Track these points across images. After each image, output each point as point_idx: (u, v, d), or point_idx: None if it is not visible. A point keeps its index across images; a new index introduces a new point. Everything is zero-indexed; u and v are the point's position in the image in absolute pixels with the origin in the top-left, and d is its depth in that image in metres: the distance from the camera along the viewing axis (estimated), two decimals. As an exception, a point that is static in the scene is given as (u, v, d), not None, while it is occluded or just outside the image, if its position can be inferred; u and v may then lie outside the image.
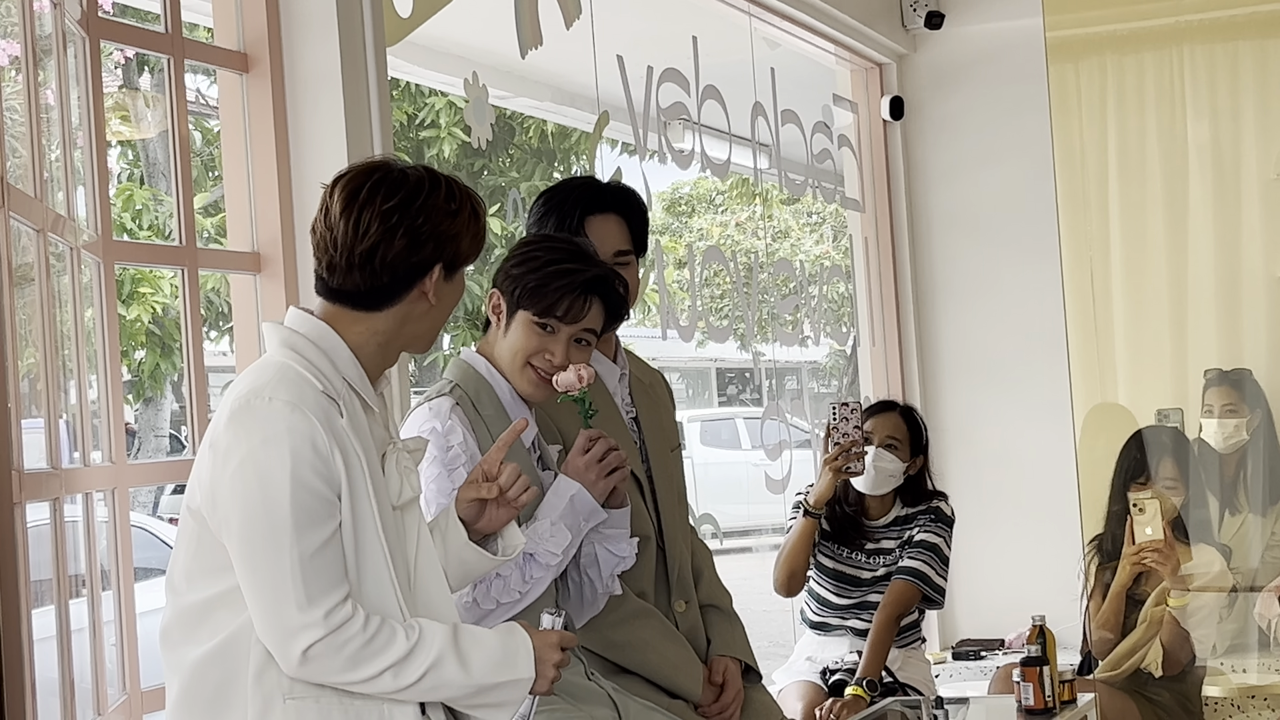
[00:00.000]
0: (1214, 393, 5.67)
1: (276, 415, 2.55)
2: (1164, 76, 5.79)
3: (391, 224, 2.63)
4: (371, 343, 2.68)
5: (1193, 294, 5.77)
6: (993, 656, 6.31)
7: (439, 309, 2.71)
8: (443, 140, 12.37)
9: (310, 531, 2.53)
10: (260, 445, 2.53)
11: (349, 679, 2.56)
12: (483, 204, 2.76)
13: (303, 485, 2.52)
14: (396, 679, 2.58)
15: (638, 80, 5.39)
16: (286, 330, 2.66)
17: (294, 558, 2.51)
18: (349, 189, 2.67)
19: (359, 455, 2.60)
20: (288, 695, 2.58)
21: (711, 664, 3.69)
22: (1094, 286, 5.76)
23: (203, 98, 10.92)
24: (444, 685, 2.61)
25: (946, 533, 5.00)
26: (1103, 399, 5.73)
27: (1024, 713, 4.02)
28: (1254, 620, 5.61)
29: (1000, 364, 6.92)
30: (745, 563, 5.30)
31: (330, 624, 2.53)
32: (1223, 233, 5.75)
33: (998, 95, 6.92)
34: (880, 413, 5.07)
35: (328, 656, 2.53)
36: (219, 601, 2.60)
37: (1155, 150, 5.81)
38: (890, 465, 4.96)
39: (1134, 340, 5.84)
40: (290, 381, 2.59)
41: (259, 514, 2.52)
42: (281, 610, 2.52)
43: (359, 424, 2.64)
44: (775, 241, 17.07)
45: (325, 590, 2.54)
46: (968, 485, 6.85)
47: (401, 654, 2.58)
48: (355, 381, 2.66)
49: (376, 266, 2.64)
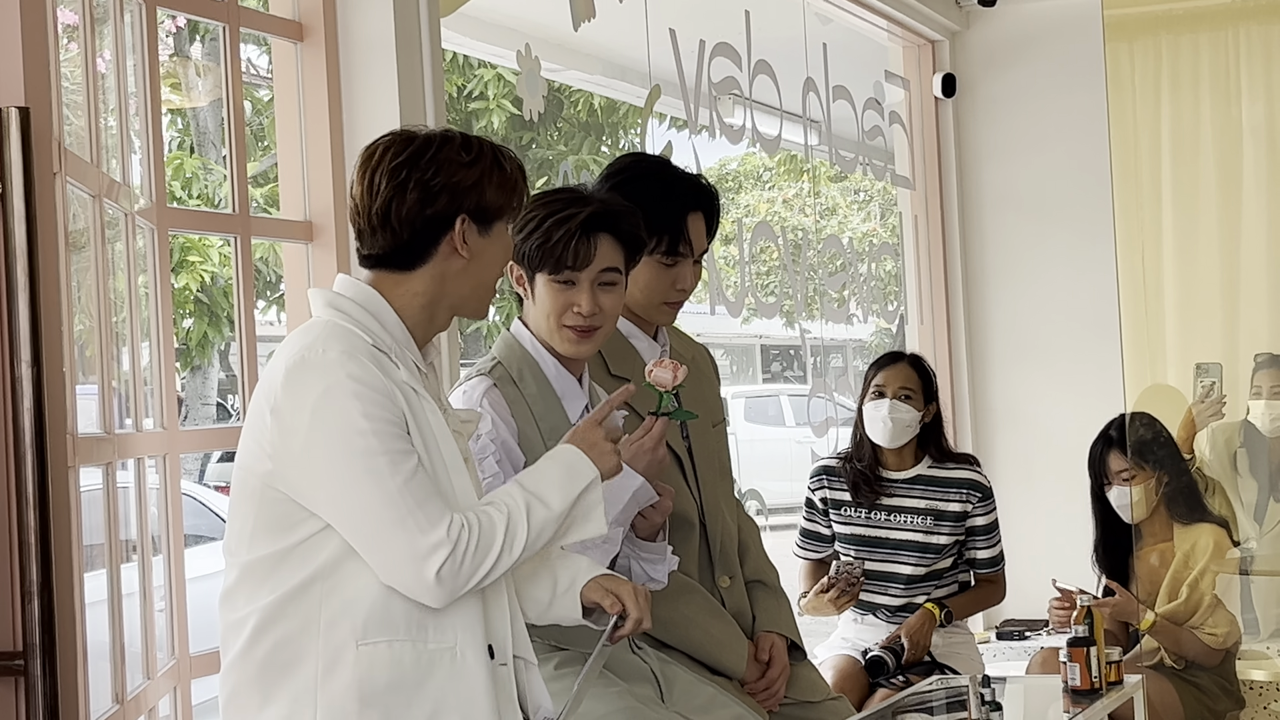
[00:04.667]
0: (1265, 375, 5.63)
1: (334, 364, 2.58)
2: (1219, 57, 5.75)
3: (401, 179, 2.66)
4: (414, 304, 2.71)
5: (1245, 277, 5.73)
6: (1036, 637, 6.30)
7: (478, 265, 2.72)
8: (491, 112, 12.38)
9: (404, 460, 2.56)
10: (324, 395, 2.56)
11: (476, 580, 2.60)
12: (513, 157, 2.76)
13: (380, 420, 2.56)
14: (511, 552, 2.62)
15: (689, 54, 5.37)
16: (331, 293, 2.71)
17: (401, 486, 2.55)
18: (364, 155, 2.72)
19: (422, 396, 2.63)
20: (360, 641, 2.59)
21: (758, 640, 3.68)
22: (1145, 268, 5.73)
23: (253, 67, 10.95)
24: (543, 530, 2.66)
25: (994, 503, 5.06)
26: (1153, 380, 5.70)
27: (1070, 693, 4.00)
28: (1300, 605, 5.59)
29: (1050, 344, 6.89)
30: (789, 539, 5.29)
31: (453, 538, 2.56)
32: (1276, 216, 5.71)
33: (1051, 74, 6.88)
34: (890, 364, 5.08)
35: (455, 572, 2.56)
36: (284, 557, 2.61)
37: (1209, 132, 5.77)
38: (906, 415, 4.98)
39: (1185, 322, 5.80)
40: (339, 335, 2.62)
41: (349, 455, 2.55)
42: (408, 539, 2.55)
43: (415, 378, 2.66)
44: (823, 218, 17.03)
45: (441, 509, 2.57)
46: (1015, 465, 6.83)
47: (504, 531, 2.61)
48: (404, 344, 2.68)
49: (395, 224, 2.67)
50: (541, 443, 3.16)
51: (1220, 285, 5.77)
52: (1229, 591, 5.41)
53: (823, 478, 5.13)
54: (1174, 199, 5.78)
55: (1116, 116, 5.73)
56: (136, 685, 3.43)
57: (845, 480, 5.08)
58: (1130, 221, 5.73)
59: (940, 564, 5.02)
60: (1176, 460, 5.39)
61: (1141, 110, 5.78)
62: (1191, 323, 5.82)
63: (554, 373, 3.27)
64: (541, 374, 3.26)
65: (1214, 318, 5.79)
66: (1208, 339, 5.79)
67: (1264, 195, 5.72)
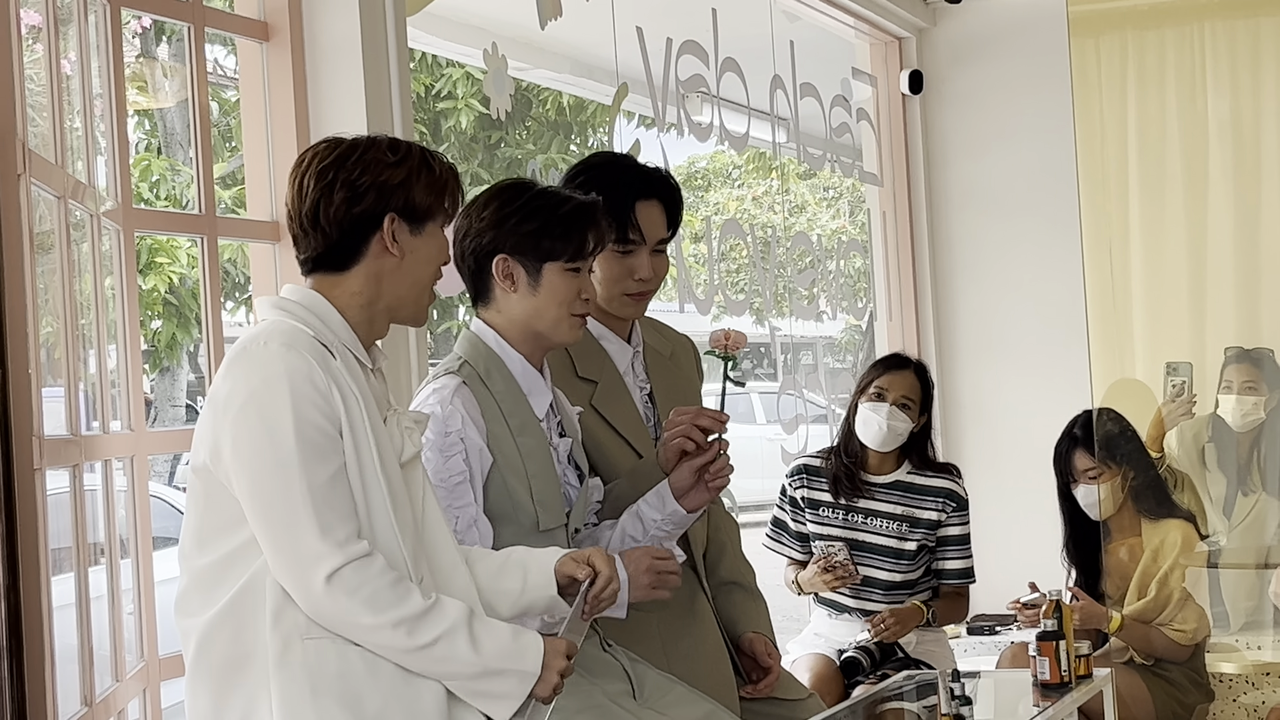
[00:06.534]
0: (1234, 369, 5.65)
1: (273, 356, 2.60)
2: (1185, 52, 5.77)
3: (328, 180, 2.70)
4: (354, 305, 2.73)
5: (1212, 271, 5.75)
6: (1007, 632, 6.31)
7: (411, 264, 2.74)
8: (460, 111, 12.35)
9: (317, 464, 2.57)
10: (260, 385, 2.58)
11: (366, 621, 2.57)
12: (443, 159, 2.80)
13: (306, 420, 2.57)
14: (410, 636, 2.59)
15: (657, 52, 5.37)
16: (277, 298, 2.74)
17: (304, 489, 2.55)
18: (295, 162, 2.77)
19: (357, 398, 2.64)
20: (305, 635, 2.60)
21: (753, 643, 3.70)
22: (1113, 263, 5.75)
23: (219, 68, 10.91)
24: (451, 658, 2.62)
25: (968, 516, 5.05)
26: (1121, 375, 5.72)
27: (1039, 687, 4.01)
28: (1269, 598, 5.61)
29: (1017, 340, 6.91)
30: (759, 536, 5.29)
31: (347, 553, 2.55)
32: (1243, 210, 5.74)
33: (1018, 70, 6.90)
34: (895, 370, 5.07)
35: (350, 592, 2.55)
36: (232, 559, 2.62)
37: (1175, 127, 5.79)
38: (901, 425, 4.99)
39: (1153, 317, 5.83)
40: (283, 330, 2.65)
41: (266, 452, 2.56)
42: (298, 542, 2.55)
43: (355, 374, 2.67)
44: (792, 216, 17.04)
45: (339, 519, 2.57)
46: (984, 461, 6.85)
47: (418, 611, 2.59)
48: (348, 342, 2.71)
49: (324, 225, 2.71)
50: (511, 440, 3.16)
51: (1188, 279, 5.79)
52: (1198, 585, 5.43)
53: (804, 476, 5.12)
54: (1141, 194, 5.80)
55: (1082, 112, 5.75)
56: (105, 688, 3.42)
57: (826, 478, 5.07)
58: (1097, 217, 5.75)
59: (913, 573, 5.01)
60: (1142, 455, 5.41)
61: (1108, 106, 5.80)
62: (1159, 317, 5.84)
63: (520, 369, 3.26)
64: (508, 371, 3.24)
65: (1182, 312, 5.81)
66: (1176, 334, 5.81)
67: (1230, 189, 5.74)
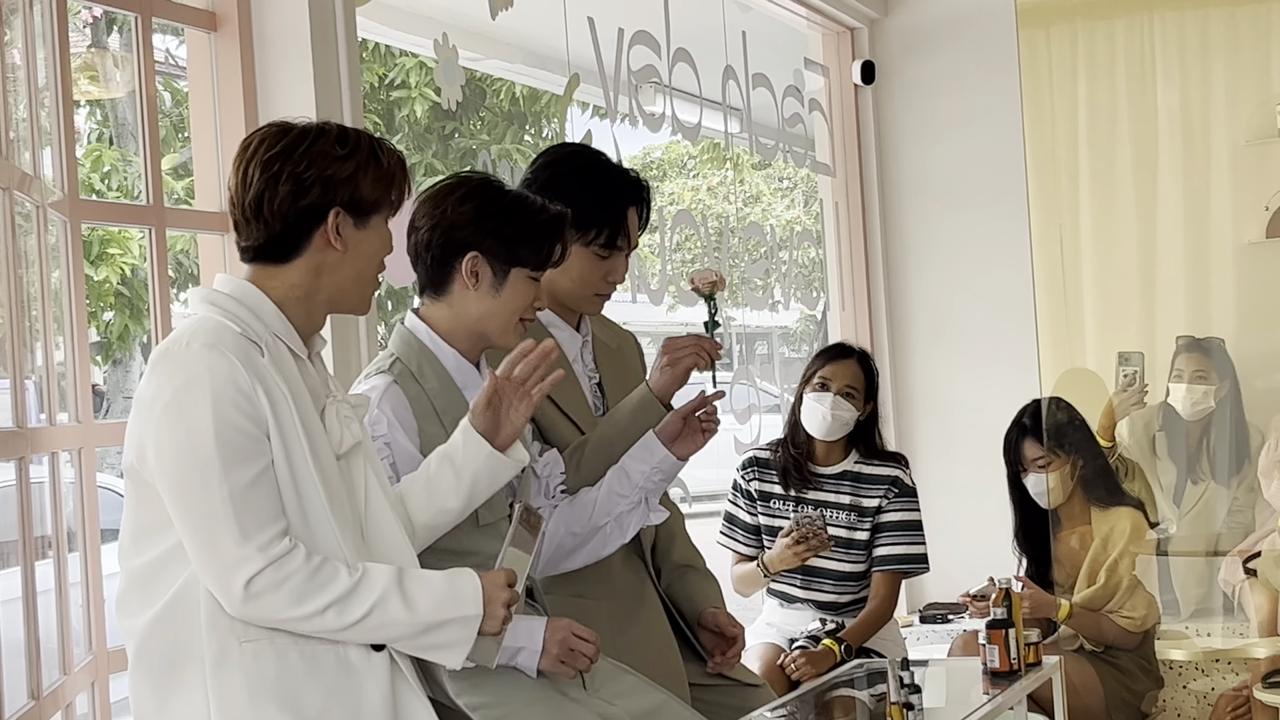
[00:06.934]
0: (1185, 358, 5.68)
1: (195, 357, 2.57)
2: (1134, 42, 5.79)
3: (274, 171, 2.66)
4: (292, 297, 2.70)
5: (1162, 260, 5.78)
6: (959, 620, 6.34)
7: (354, 258, 2.72)
8: (414, 101, 12.31)
9: (239, 468, 2.54)
10: (182, 387, 2.56)
11: (293, 615, 2.56)
12: (392, 150, 2.77)
13: (227, 422, 2.54)
14: (341, 615, 2.58)
15: (609, 43, 5.36)
16: (207, 290, 2.70)
17: (224, 494, 2.53)
18: (241, 146, 2.72)
19: (286, 396, 2.61)
20: (243, 639, 2.58)
21: (716, 616, 3.73)
22: (1063, 252, 5.78)
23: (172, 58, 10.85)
24: (389, 624, 2.62)
25: (914, 503, 5.03)
26: (1072, 364, 5.74)
27: (989, 675, 4.03)
28: (1219, 585, 5.65)
29: (970, 329, 6.93)
30: (713, 526, 5.30)
31: (268, 555, 2.54)
32: (1192, 199, 5.77)
33: (969, 60, 6.91)
34: (838, 359, 5.06)
35: (270, 591, 2.54)
36: (167, 558, 2.61)
37: (1125, 116, 5.82)
38: (847, 414, 4.98)
39: (1103, 306, 5.85)
40: (208, 329, 2.61)
41: (186, 455, 2.54)
42: (218, 547, 2.53)
43: (286, 369, 2.65)
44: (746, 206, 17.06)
45: (260, 524, 2.55)
46: (936, 450, 6.87)
47: (345, 590, 2.58)
48: (282, 333, 2.68)
49: (266, 216, 2.67)
50: (445, 436, 3.13)
51: (1138, 268, 5.82)
52: (1148, 573, 5.46)
53: (755, 469, 5.12)
54: (1091, 184, 5.82)
55: (1032, 102, 5.77)
56: (53, 681, 3.40)
57: (776, 470, 5.08)
58: (1047, 206, 5.78)
59: (863, 563, 5.01)
60: (1091, 444, 5.43)
61: (1058, 96, 5.82)
62: (1110, 306, 5.86)
63: (454, 365, 3.24)
64: (441, 367, 3.23)
65: (1132, 301, 5.84)
66: (1126, 323, 5.84)
67: (1180, 179, 5.77)
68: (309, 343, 2.75)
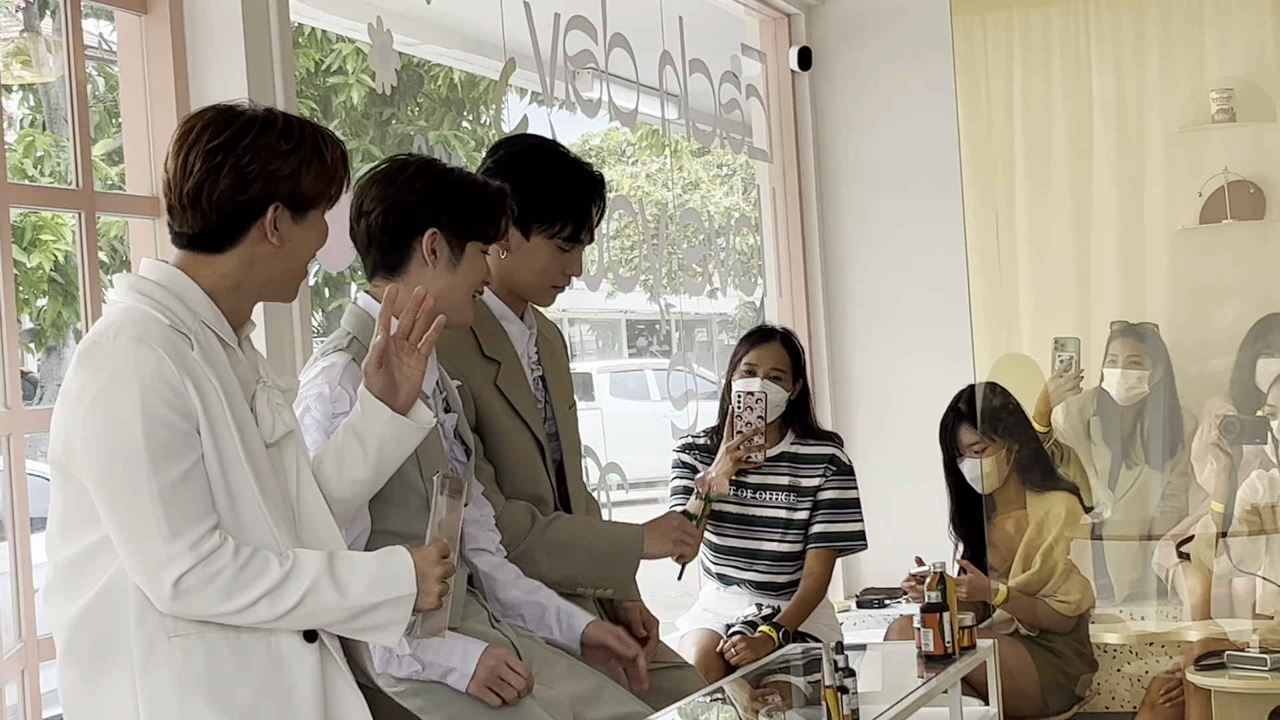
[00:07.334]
0: (1119, 343, 5.72)
1: (123, 351, 2.53)
2: (1069, 30, 5.82)
3: (216, 162, 2.63)
4: (222, 286, 2.67)
5: (1096, 246, 5.81)
6: (896, 605, 6.36)
7: (289, 252, 2.70)
8: (350, 87, 12.25)
9: (168, 464, 2.52)
10: (109, 383, 2.52)
11: (224, 609, 2.55)
12: (335, 143, 2.74)
13: (155, 418, 2.51)
14: (273, 606, 2.57)
15: (545, 28, 5.34)
16: (134, 277, 2.66)
17: (153, 491, 2.50)
18: (182, 129, 2.68)
19: (216, 388, 2.58)
20: (172, 634, 2.56)
21: (629, 613, 3.73)
22: (999, 238, 5.80)
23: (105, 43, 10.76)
24: (322, 610, 2.61)
25: (851, 482, 5.03)
26: (1008, 349, 5.76)
27: (924, 658, 4.04)
28: (1153, 569, 5.69)
29: (907, 314, 6.94)
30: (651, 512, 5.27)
31: (198, 553, 2.52)
32: (1126, 185, 5.80)
33: (906, 46, 6.92)
34: (762, 343, 5.06)
35: (200, 587, 2.52)
36: (96, 550, 2.58)
37: (1060, 103, 5.84)
38: (777, 397, 4.98)
39: (1038, 291, 5.88)
40: (135, 320, 2.58)
41: (114, 451, 2.51)
42: (147, 545, 2.51)
43: (216, 360, 2.62)
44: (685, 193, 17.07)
45: (190, 521, 2.52)
46: (874, 436, 6.89)
47: (275, 581, 2.57)
48: (211, 321, 2.65)
49: (204, 206, 2.64)
50: None
51: (1073, 254, 5.85)
52: (1083, 557, 5.49)
53: (695, 452, 5.12)
54: (1026, 170, 5.85)
55: (967, 89, 5.79)
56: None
57: (714, 455, 5.07)
58: (982, 193, 5.79)
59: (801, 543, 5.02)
60: (1026, 428, 5.46)
61: (994, 83, 5.84)
62: (1045, 292, 5.89)
63: None
64: None
65: (1067, 287, 5.87)
66: (1061, 308, 5.87)
67: (1114, 165, 5.80)
68: (238, 330, 2.73)
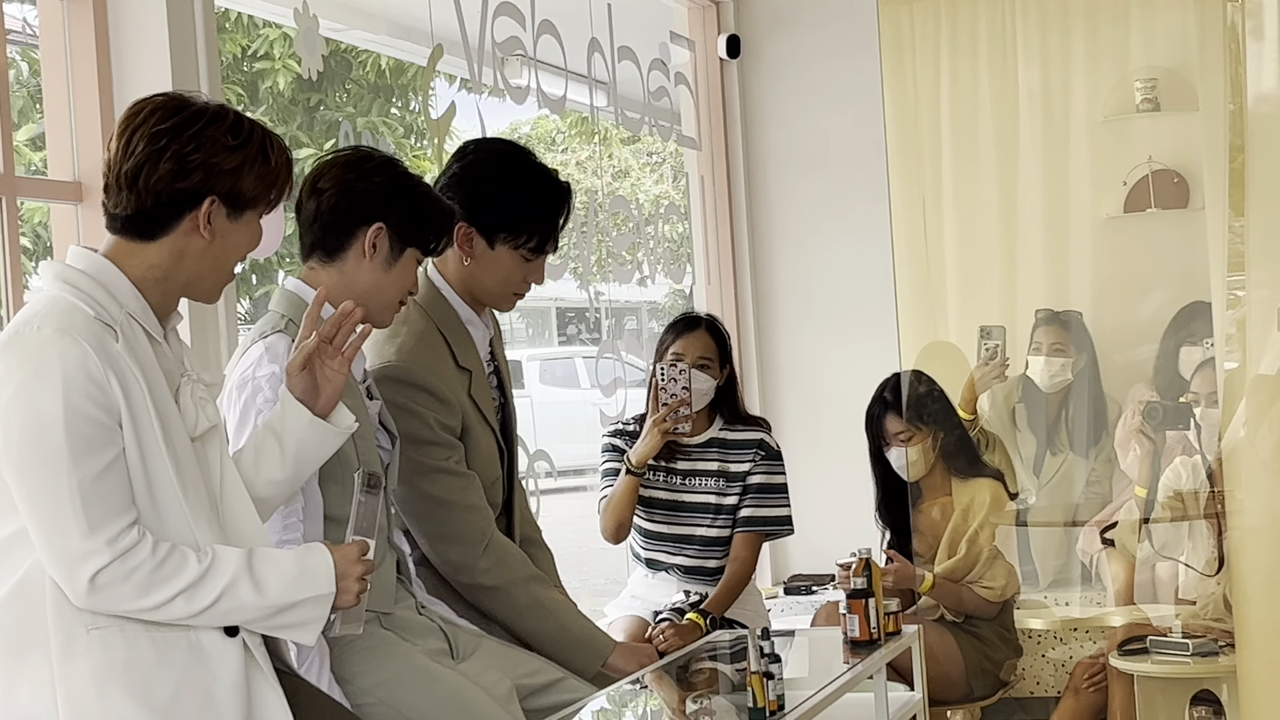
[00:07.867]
0: (1044, 331, 5.75)
1: (46, 343, 2.51)
2: (996, 20, 5.84)
3: (159, 146, 2.62)
4: (150, 277, 2.66)
5: (1022, 234, 5.84)
6: (823, 591, 6.39)
7: (219, 248, 2.69)
8: (277, 73, 12.17)
9: (88, 458, 2.50)
10: (31, 374, 2.50)
11: (140, 606, 2.53)
12: (282, 149, 2.74)
13: (77, 412, 2.49)
14: (189, 604, 2.56)
15: (472, 14, 5.32)
16: (61, 265, 2.64)
17: (72, 485, 2.49)
18: (131, 111, 2.67)
19: (140, 381, 2.57)
20: (90, 627, 2.55)
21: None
22: (925, 226, 5.82)
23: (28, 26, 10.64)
24: (239, 608, 2.60)
25: (779, 466, 5.04)
26: (934, 337, 5.79)
27: (849, 644, 4.06)
28: (1077, 555, 5.74)
29: (834, 304, 6.97)
30: (580, 500, 5.30)
31: (115, 549, 2.50)
32: (1052, 174, 5.83)
33: (835, 34, 6.94)
34: (687, 332, 5.06)
35: (116, 584, 2.51)
36: (13, 542, 2.56)
37: (986, 93, 5.87)
38: (705, 385, 4.99)
39: (964, 279, 5.91)
40: (60, 311, 2.56)
41: (34, 444, 2.49)
42: (64, 539, 2.49)
43: (141, 353, 2.60)
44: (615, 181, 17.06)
45: (108, 517, 2.51)
46: (802, 424, 6.91)
47: (193, 578, 2.56)
48: (137, 313, 2.64)
49: (140, 189, 2.63)
50: None
51: (999, 242, 5.88)
52: (1007, 544, 5.53)
53: (625, 438, 5.12)
54: (952, 159, 5.87)
55: (894, 78, 5.81)
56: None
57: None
58: (908, 181, 5.82)
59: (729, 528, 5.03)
60: (951, 415, 5.49)
61: (921, 72, 5.86)
62: (970, 280, 5.92)
63: None
64: None
65: (992, 275, 5.90)
66: (987, 296, 5.90)
67: (1040, 154, 5.84)
68: (164, 322, 2.71)
